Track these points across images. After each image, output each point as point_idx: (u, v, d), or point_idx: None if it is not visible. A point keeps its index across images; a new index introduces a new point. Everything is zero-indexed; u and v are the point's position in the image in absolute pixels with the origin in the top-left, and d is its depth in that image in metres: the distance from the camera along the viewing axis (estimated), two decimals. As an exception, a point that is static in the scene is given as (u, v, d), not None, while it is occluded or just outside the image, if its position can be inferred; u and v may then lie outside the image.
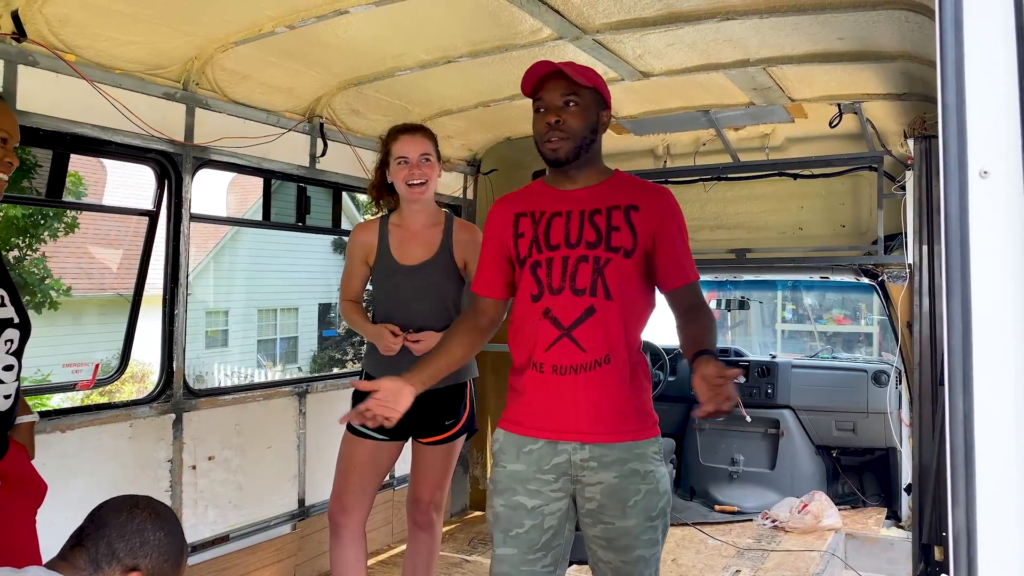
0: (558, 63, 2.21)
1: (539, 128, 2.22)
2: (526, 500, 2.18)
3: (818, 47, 3.41)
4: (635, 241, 2.18)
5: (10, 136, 2.04)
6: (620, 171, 2.36)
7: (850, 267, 4.92)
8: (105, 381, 4.06)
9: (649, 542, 2.18)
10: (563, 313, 2.16)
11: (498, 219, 2.36)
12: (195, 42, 3.18)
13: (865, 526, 4.87)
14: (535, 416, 2.20)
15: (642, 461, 2.17)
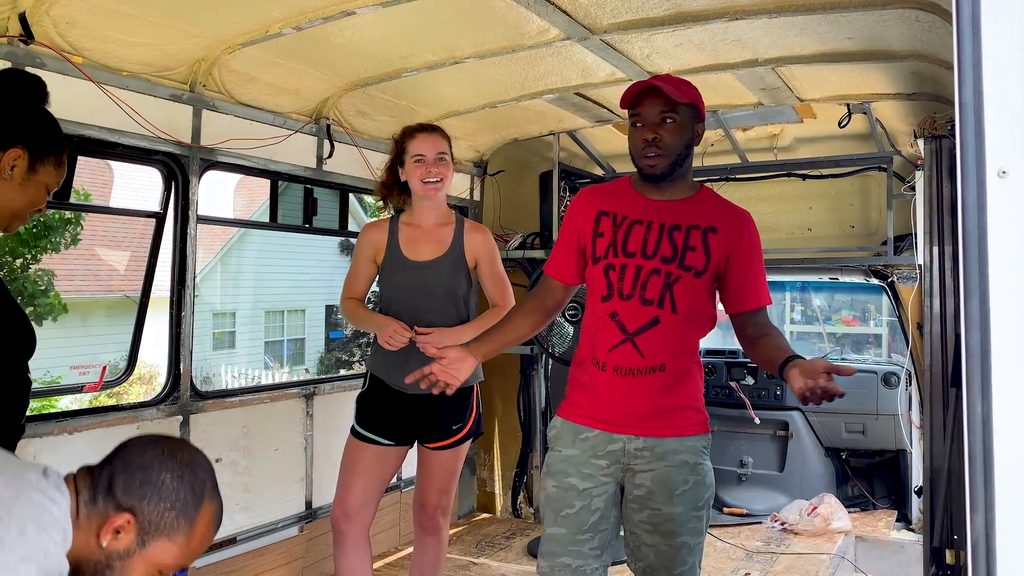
0: (656, 79, 2.28)
1: (636, 143, 2.28)
2: (578, 482, 2.31)
3: (827, 47, 3.39)
4: (708, 263, 2.27)
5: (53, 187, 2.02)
6: (707, 187, 2.44)
7: (859, 268, 4.90)
8: (113, 383, 4.08)
9: (693, 531, 2.28)
10: (629, 319, 2.26)
11: (580, 210, 2.42)
12: (202, 44, 3.17)
13: (875, 529, 4.84)
14: (594, 408, 2.31)
15: (692, 454, 2.28)
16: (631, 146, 2.31)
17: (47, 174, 1.96)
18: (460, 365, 2.34)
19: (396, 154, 3.10)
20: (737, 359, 5.71)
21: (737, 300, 2.31)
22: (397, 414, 3.04)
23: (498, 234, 5.26)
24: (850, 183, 4.99)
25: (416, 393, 2.98)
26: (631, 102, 2.29)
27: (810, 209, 5.12)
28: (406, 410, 3.03)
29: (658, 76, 2.33)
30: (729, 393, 5.52)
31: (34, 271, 10.43)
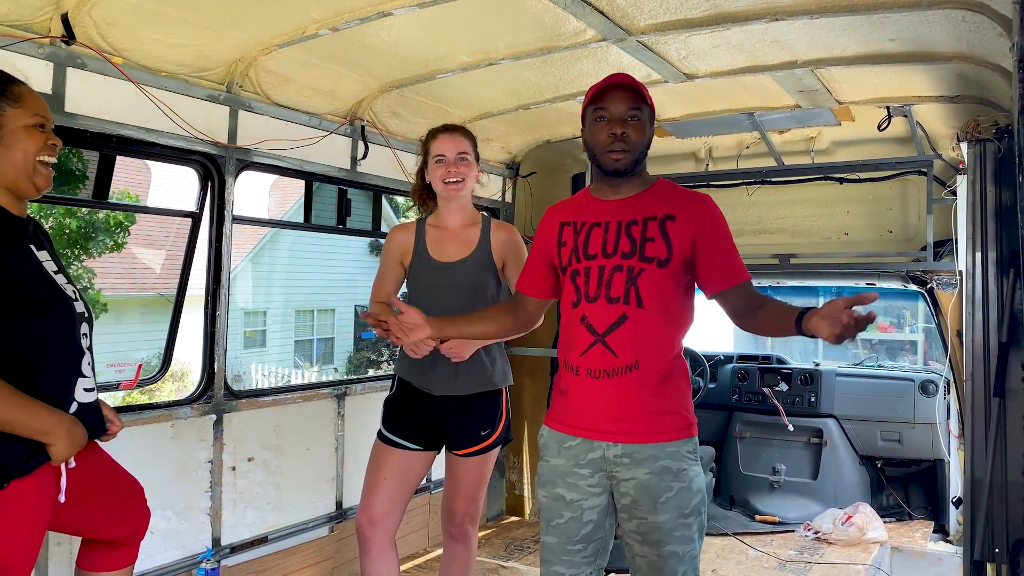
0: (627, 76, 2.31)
1: (601, 138, 2.29)
2: (565, 492, 2.31)
3: (869, 48, 3.33)
4: (670, 251, 2.25)
5: (47, 119, 2.05)
6: (663, 179, 2.42)
7: (897, 273, 4.81)
8: (147, 381, 4.10)
9: (682, 539, 2.24)
10: (598, 320, 2.25)
11: (546, 226, 2.47)
12: (239, 44, 3.19)
13: (911, 540, 4.74)
14: (573, 415, 2.31)
15: (675, 459, 2.24)
16: (594, 142, 2.30)
17: (13, 118, 1.97)
18: (415, 329, 2.44)
19: (423, 157, 3.11)
20: (771, 365, 5.64)
21: (714, 280, 2.28)
22: (425, 418, 3.01)
23: (529, 236, 5.23)
24: (888, 187, 4.90)
25: (444, 395, 2.99)
26: (594, 97, 2.29)
27: (847, 213, 5.03)
28: (434, 414, 3.01)
29: (620, 75, 2.32)
30: (762, 399, 5.45)
31: (76, 269, 10.62)
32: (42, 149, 2.01)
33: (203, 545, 3.35)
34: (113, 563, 2.35)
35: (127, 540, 2.37)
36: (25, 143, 1.98)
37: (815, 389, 5.41)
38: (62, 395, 2.04)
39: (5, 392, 1.87)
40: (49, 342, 2.01)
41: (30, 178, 2.00)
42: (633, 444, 2.23)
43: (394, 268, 3.11)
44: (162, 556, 3.19)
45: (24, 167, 1.98)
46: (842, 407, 5.37)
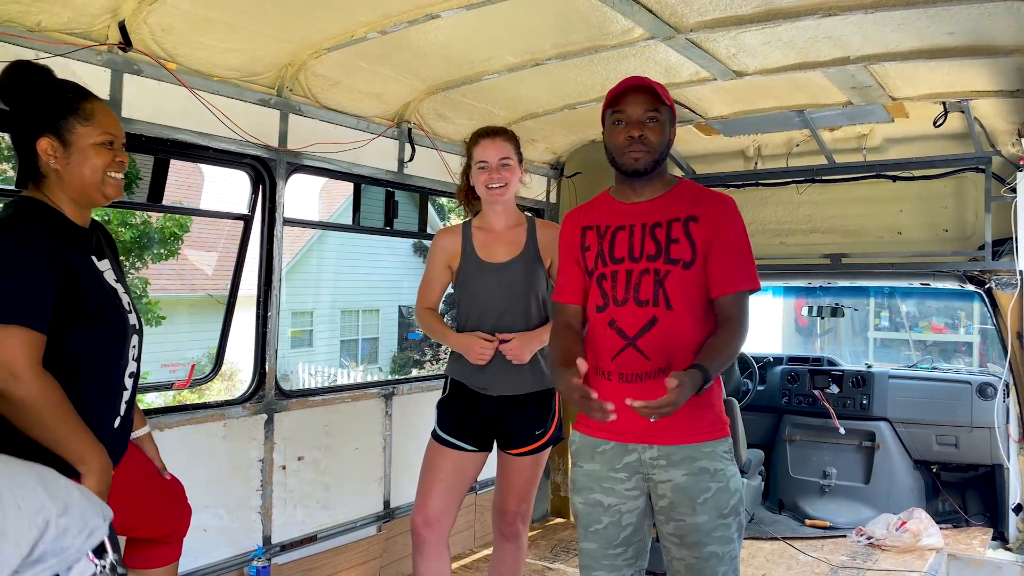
0: (641, 79, 2.30)
1: (619, 141, 2.29)
2: (602, 498, 2.29)
3: (925, 43, 3.25)
4: (694, 252, 2.25)
5: (117, 137, 2.10)
6: (685, 180, 2.42)
7: (954, 273, 4.69)
8: (200, 381, 4.19)
9: (722, 539, 2.22)
10: (627, 324, 2.25)
11: (567, 232, 2.47)
12: (289, 48, 3.23)
13: (969, 547, 4.61)
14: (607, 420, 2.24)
15: (711, 459, 2.23)
16: (613, 144, 2.31)
17: (83, 136, 2.02)
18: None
19: (467, 160, 3.12)
20: (821, 367, 5.54)
21: (717, 283, 2.25)
22: (480, 418, 3.02)
23: (575, 237, 5.22)
24: (944, 185, 4.78)
25: (499, 395, 2.99)
26: (611, 100, 2.29)
27: (900, 212, 4.92)
28: (488, 414, 3.01)
29: (639, 78, 2.31)
30: (813, 401, 5.35)
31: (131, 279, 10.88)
32: (110, 165, 2.06)
33: (254, 543, 3.40)
34: (157, 560, 2.39)
35: (169, 537, 2.41)
36: (93, 160, 2.03)
37: (867, 391, 5.30)
38: (108, 407, 2.09)
39: (62, 409, 1.90)
40: (101, 355, 2.05)
41: (99, 190, 2.07)
42: (669, 446, 2.22)
43: (441, 272, 3.12)
44: (215, 554, 3.24)
45: (92, 181, 2.05)
46: (895, 410, 5.25)
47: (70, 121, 2.01)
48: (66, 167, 2.01)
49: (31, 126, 2.01)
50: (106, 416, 2.07)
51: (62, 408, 1.90)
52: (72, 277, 1.97)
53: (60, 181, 2.02)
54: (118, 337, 2.11)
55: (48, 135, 2.00)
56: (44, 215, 2.00)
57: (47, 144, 1.99)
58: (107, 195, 2.08)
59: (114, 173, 2.08)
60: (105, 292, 2.08)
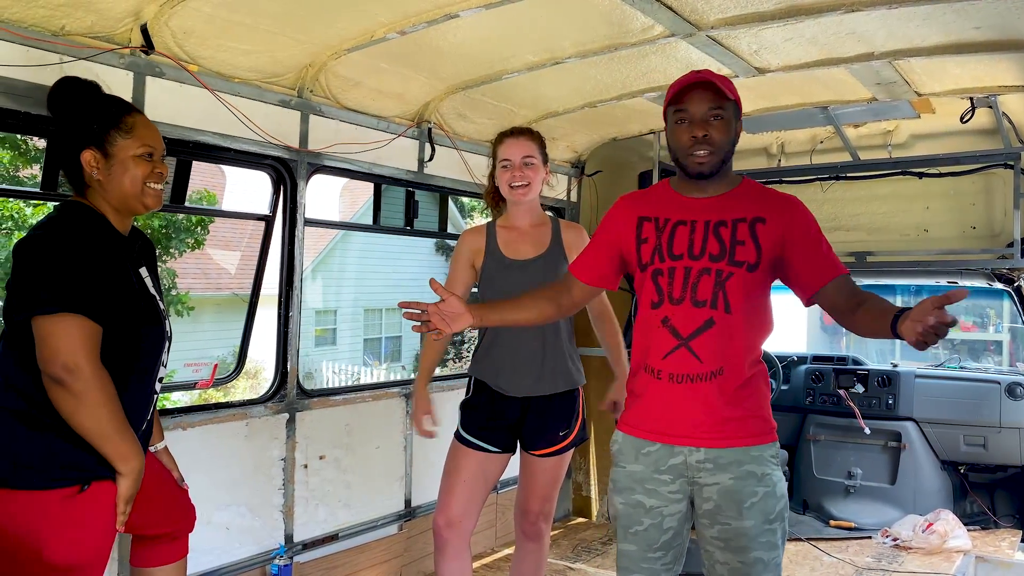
0: (704, 73, 2.19)
1: (682, 140, 2.19)
2: (644, 499, 2.25)
3: (951, 38, 3.20)
4: (759, 255, 2.18)
5: (156, 149, 2.17)
6: (748, 179, 2.33)
7: (982, 271, 4.62)
8: (223, 381, 4.21)
9: (767, 545, 2.17)
10: (682, 323, 2.18)
11: (620, 217, 2.36)
12: (310, 50, 3.25)
13: (998, 549, 4.54)
14: (652, 420, 2.24)
15: (759, 464, 2.18)
16: (676, 144, 2.22)
17: (124, 148, 2.10)
18: (456, 317, 2.25)
19: (492, 161, 3.13)
20: (846, 366, 5.47)
21: (811, 279, 2.17)
22: (503, 419, 3.01)
23: (596, 235, 5.20)
24: (971, 181, 4.71)
25: (524, 395, 2.98)
26: (674, 97, 2.20)
27: (927, 209, 4.85)
28: (512, 414, 3.00)
29: (702, 72, 2.20)
30: (837, 401, 5.29)
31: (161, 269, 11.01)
32: (149, 176, 2.13)
33: (276, 541, 3.42)
34: (165, 557, 2.42)
35: (176, 534, 2.44)
36: (133, 171, 2.10)
37: (893, 391, 5.23)
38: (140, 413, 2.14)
39: (116, 405, 1.95)
40: (142, 361, 2.12)
41: (139, 200, 2.13)
42: (716, 449, 2.17)
43: (464, 271, 3.12)
44: (236, 552, 3.27)
45: (132, 191, 2.11)
46: (922, 410, 5.17)
47: (112, 134, 2.10)
48: (107, 178, 2.09)
49: (76, 138, 2.09)
50: (136, 422, 2.11)
51: (115, 405, 1.95)
52: (121, 282, 2.05)
53: (103, 191, 2.10)
54: (157, 344, 2.17)
55: (91, 147, 2.08)
56: (93, 220, 2.08)
57: (90, 156, 2.08)
58: (147, 205, 2.15)
59: (153, 184, 2.15)
60: (148, 300, 2.15)
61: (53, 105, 2.16)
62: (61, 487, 1.93)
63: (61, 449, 1.94)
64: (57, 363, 1.87)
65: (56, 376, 1.87)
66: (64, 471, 1.94)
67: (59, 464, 1.94)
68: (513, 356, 2.96)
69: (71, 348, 1.87)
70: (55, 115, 2.17)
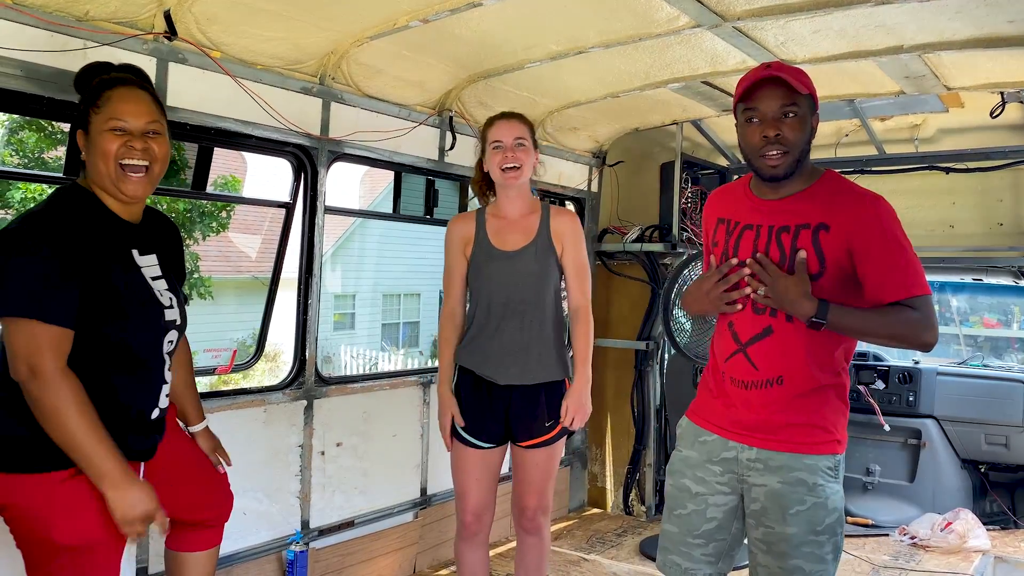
0: (775, 67, 2.09)
1: (754, 141, 2.13)
2: (691, 484, 2.29)
3: (984, 31, 3.13)
4: (822, 265, 2.09)
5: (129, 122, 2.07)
6: (830, 172, 2.22)
7: (1008, 268, 4.55)
8: (242, 366, 4.24)
9: (811, 556, 2.12)
10: (742, 329, 2.20)
11: (708, 217, 2.40)
12: (332, 37, 3.23)
13: (1017, 550, 4.50)
14: (714, 414, 2.29)
15: (811, 473, 2.14)
16: (746, 144, 2.15)
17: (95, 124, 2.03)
18: None
19: (481, 146, 3.08)
20: (867, 362, 5.42)
21: (874, 295, 2.07)
22: (491, 411, 3.01)
23: (616, 226, 5.18)
24: (1000, 177, 4.64)
25: (508, 384, 2.98)
26: (743, 95, 2.12)
27: (953, 205, 4.79)
28: (499, 404, 3.00)
29: (773, 66, 2.10)
30: (857, 397, 5.24)
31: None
32: (121, 152, 2.01)
33: (293, 527, 3.44)
34: (199, 544, 2.43)
35: (212, 522, 2.45)
36: (103, 146, 2.01)
37: (914, 388, 5.18)
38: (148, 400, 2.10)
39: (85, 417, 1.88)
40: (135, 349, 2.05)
41: (115, 183, 2.03)
42: (768, 450, 2.16)
43: (460, 262, 3.09)
44: (254, 537, 3.29)
45: (106, 171, 2.01)
46: (943, 407, 5.12)
47: (91, 113, 2.04)
48: (88, 158, 2.03)
49: (74, 122, 2.07)
50: (145, 408, 2.10)
51: (80, 411, 1.87)
52: (103, 270, 1.97)
53: (88, 172, 2.05)
54: (152, 331, 2.10)
55: (80, 128, 2.05)
56: (82, 205, 2.01)
57: (79, 136, 2.05)
58: (123, 191, 2.03)
59: (130, 160, 2.01)
60: (140, 286, 2.07)
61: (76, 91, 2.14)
62: (56, 470, 1.91)
63: None
64: (22, 367, 1.85)
65: (19, 379, 1.87)
66: (54, 454, 1.90)
67: (49, 447, 1.89)
68: (499, 345, 2.96)
69: (31, 351, 1.84)
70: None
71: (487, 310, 3.01)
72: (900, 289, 2.04)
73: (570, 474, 5.17)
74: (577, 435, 5.19)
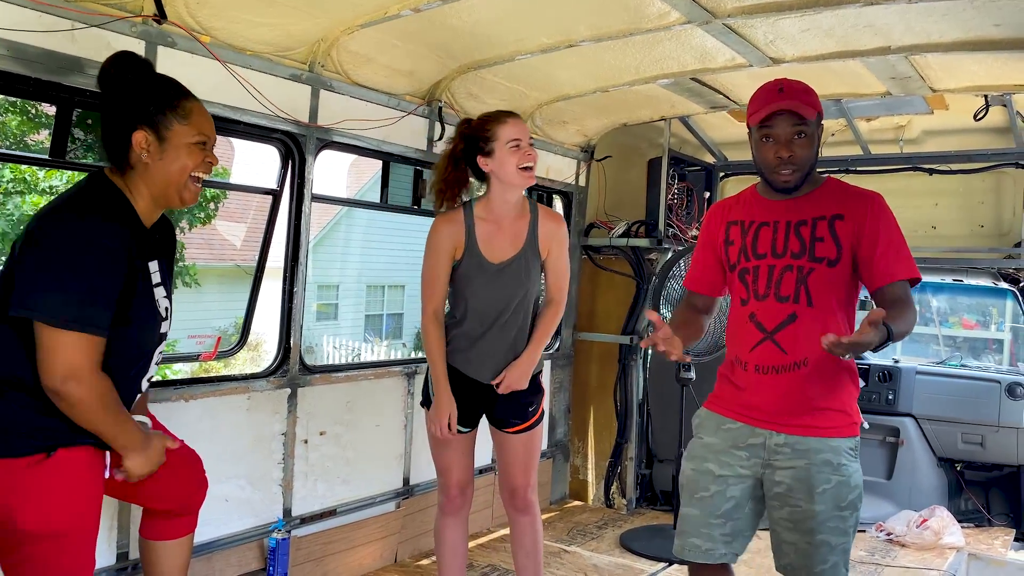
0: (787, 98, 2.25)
1: (769, 159, 2.32)
2: (715, 468, 2.38)
3: (970, 34, 3.17)
4: (839, 251, 2.28)
5: (211, 138, 2.12)
6: (831, 178, 2.44)
7: (988, 270, 4.61)
8: (226, 353, 4.22)
9: (836, 530, 2.26)
10: (767, 318, 2.32)
11: (712, 225, 2.55)
12: (323, 24, 3.22)
13: (991, 547, 4.56)
14: (740, 404, 2.39)
15: (836, 454, 2.28)
16: (761, 160, 2.35)
17: (179, 133, 2.04)
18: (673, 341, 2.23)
19: (464, 145, 2.97)
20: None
21: (869, 279, 2.29)
22: (475, 404, 3.06)
23: (602, 220, 5.20)
24: (982, 179, 4.70)
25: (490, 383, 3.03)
26: (761, 120, 2.30)
27: (936, 206, 4.85)
28: (481, 397, 3.05)
29: (785, 89, 2.28)
30: (837, 395, 5.29)
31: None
32: (199, 166, 2.08)
33: (275, 515, 3.44)
34: (172, 532, 2.41)
35: (185, 510, 2.43)
36: (184, 159, 2.04)
37: (893, 387, 5.24)
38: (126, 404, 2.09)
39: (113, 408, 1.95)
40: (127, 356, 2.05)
41: (179, 192, 2.07)
42: (796, 436, 2.28)
43: (447, 262, 2.99)
44: (235, 524, 3.29)
45: (177, 181, 2.05)
46: (921, 406, 5.18)
47: (168, 117, 2.02)
48: (157, 163, 2.02)
49: (129, 116, 2.01)
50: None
51: (113, 408, 1.96)
52: (130, 278, 1.97)
53: (147, 175, 2.03)
54: (147, 342, 2.12)
55: (145, 128, 2.01)
56: (119, 208, 2.00)
57: (143, 137, 2.00)
58: (184, 199, 2.09)
59: (201, 174, 2.09)
60: (149, 297, 2.08)
61: (106, 79, 2.05)
62: (25, 455, 1.89)
63: (24, 417, 1.90)
64: (57, 375, 1.85)
65: (55, 387, 1.86)
66: (26, 439, 1.89)
67: (21, 432, 1.89)
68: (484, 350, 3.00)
69: (72, 361, 1.85)
70: (106, 89, 2.05)
71: (475, 319, 3.00)
72: (906, 271, 2.28)
73: (552, 466, 5.19)
74: (559, 428, 5.21)
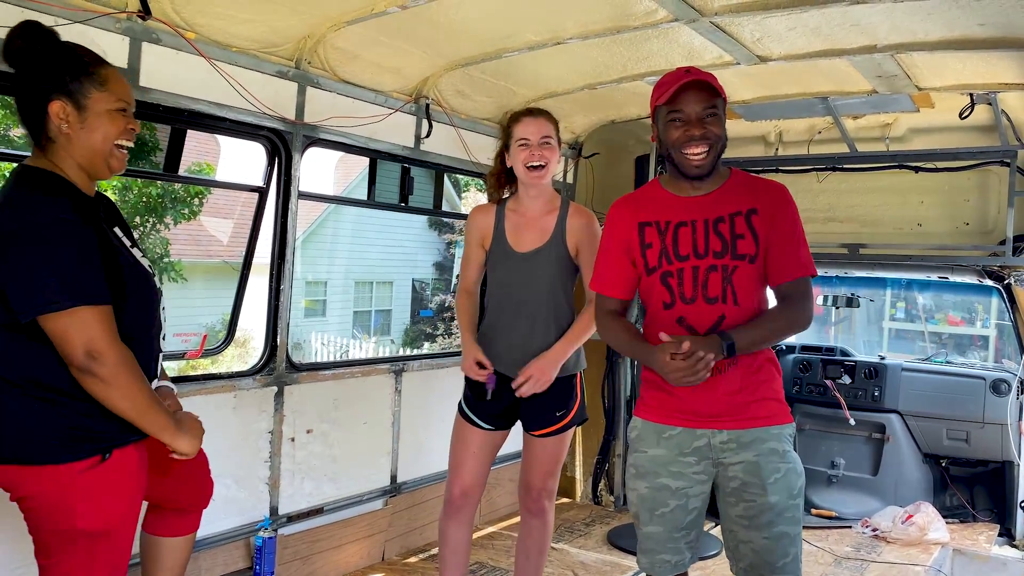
0: (695, 72, 2.23)
1: (679, 141, 2.25)
2: (670, 482, 2.32)
3: (955, 33, 3.18)
4: (758, 246, 2.27)
5: (130, 104, 2.08)
6: (736, 170, 2.40)
7: (973, 268, 4.63)
8: (212, 351, 4.20)
9: (792, 520, 2.26)
10: (697, 321, 2.27)
11: (621, 226, 2.40)
12: (309, 20, 3.21)
13: (975, 543, 4.60)
14: (674, 407, 2.32)
15: (779, 441, 2.28)
16: (671, 142, 2.26)
17: (99, 101, 1.98)
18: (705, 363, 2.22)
19: (504, 140, 3.07)
20: (834, 356, 5.50)
21: (771, 275, 2.30)
22: (501, 402, 3.03)
23: (591, 218, 5.19)
24: (967, 177, 4.71)
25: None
26: (668, 99, 2.22)
27: (921, 203, 4.86)
28: (510, 397, 3.01)
29: (692, 71, 2.25)
30: (824, 391, 5.32)
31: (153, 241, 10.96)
32: (122, 133, 2.03)
33: (261, 513, 3.43)
34: (177, 529, 2.42)
35: (191, 508, 2.44)
36: (106, 127, 2.00)
37: (879, 383, 5.26)
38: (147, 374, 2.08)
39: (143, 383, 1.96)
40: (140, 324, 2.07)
41: (106, 160, 2.03)
42: (738, 430, 2.27)
43: (477, 252, 3.13)
44: (222, 523, 3.28)
45: (102, 150, 2.01)
46: (907, 403, 5.21)
47: (85, 85, 1.96)
48: (79, 132, 1.97)
49: (42, 88, 1.95)
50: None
51: (143, 381, 1.96)
52: (104, 244, 1.96)
53: (69, 147, 1.98)
54: (151, 304, 2.12)
55: (61, 98, 1.94)
56: (57, 185, 1.95)
57: (59, 107, 1.94)
58: (112, 168, 2.06)
59: (124, 141, 2.04)
60: (132, 261, 2.09)
61: (13, 52, 1.95)
62: (82, 459, 1.93)
63: (79, 422, 1.93)
64: (80, 355, 1.85)
65: (82, 367, 1.86)
66: (83, 444, 1.93)
67: (78, 437, 1.93)
68: (511, 343, 2.99)
69: (91, 337, 1.85)
70: (15, 63, 1.97)
71: (500, 307, 3.05)
72: (793, 271, 2.29)
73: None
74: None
